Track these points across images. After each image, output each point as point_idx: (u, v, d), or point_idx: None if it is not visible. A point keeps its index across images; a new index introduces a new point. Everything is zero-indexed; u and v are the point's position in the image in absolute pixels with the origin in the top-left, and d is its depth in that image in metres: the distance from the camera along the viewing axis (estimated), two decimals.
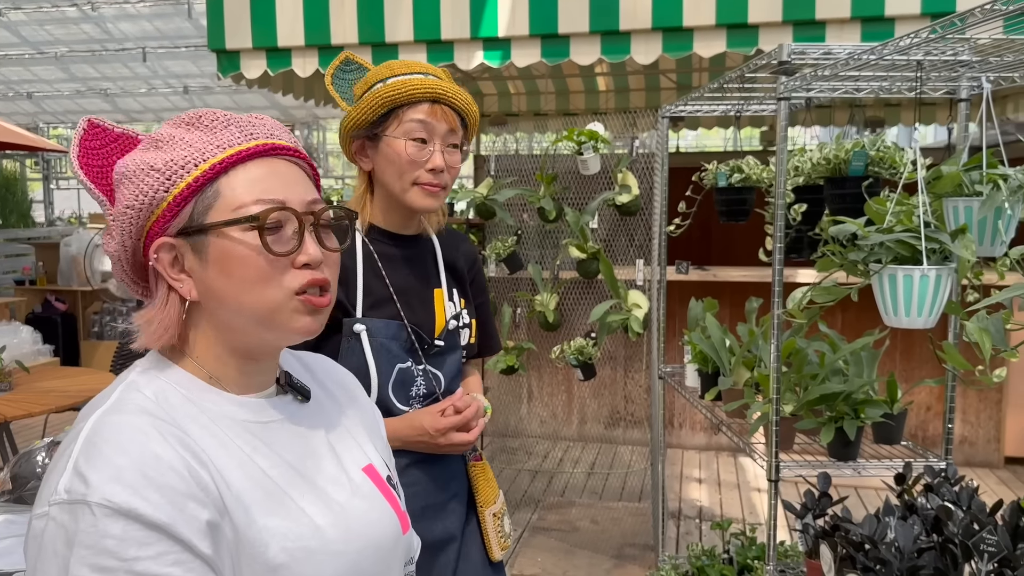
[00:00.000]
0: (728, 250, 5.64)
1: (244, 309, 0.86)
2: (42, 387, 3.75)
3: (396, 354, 1.53)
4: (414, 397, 1.57)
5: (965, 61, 1.78)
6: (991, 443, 4.87)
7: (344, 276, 1.50)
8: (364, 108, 1.50)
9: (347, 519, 0.90)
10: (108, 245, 0.89)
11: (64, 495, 0.75)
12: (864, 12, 3.45)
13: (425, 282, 1.62)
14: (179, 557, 0.75)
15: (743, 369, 2.40)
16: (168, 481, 0.76)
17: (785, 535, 3.65)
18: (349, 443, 0.99)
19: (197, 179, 0.85)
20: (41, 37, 10.19)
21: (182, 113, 0.90)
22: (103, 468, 0.75)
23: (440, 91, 1.49)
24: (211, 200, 0.85)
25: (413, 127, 1.48)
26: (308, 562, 0.84)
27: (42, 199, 14.51)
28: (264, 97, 11.32)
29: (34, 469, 1.88)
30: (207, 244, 0.85)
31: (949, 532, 1.45)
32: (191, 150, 0.86)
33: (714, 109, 3.02)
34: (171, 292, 0.87)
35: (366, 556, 0.90)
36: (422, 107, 1.48)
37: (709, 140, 13.51)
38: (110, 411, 0.81)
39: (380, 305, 1.54)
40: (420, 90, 1.48)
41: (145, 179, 0.85)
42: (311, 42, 4.08)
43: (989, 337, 1.34)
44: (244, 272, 0.85)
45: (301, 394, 0.96)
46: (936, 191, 1.73)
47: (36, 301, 7.39)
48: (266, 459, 0.87)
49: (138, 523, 0.74)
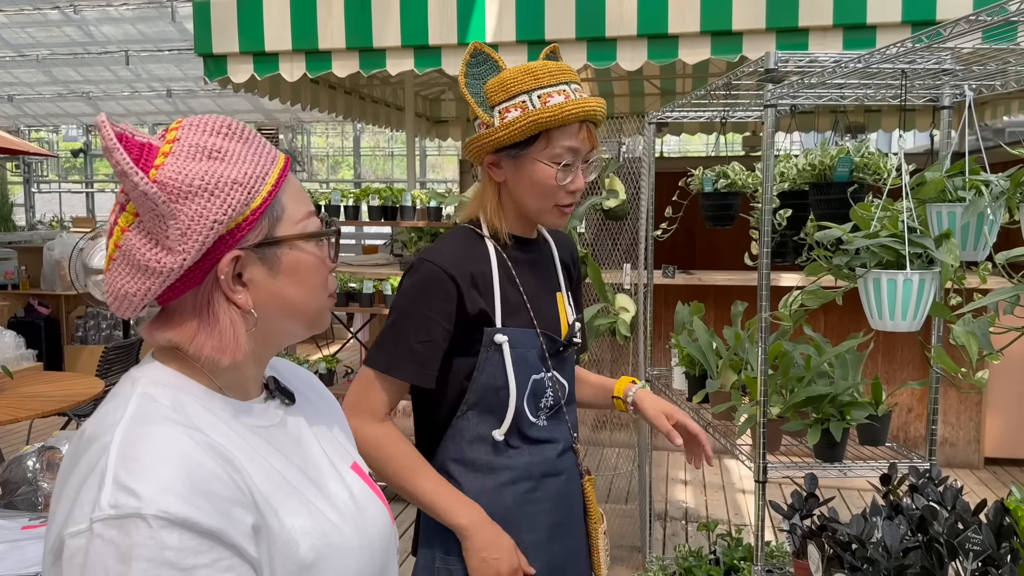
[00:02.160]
0: (712, 254, 5.69)
1: (306, 313, 0.92)
2: (27, 392, 3.73)
3: (532, 364, 1.49)
4: (542, 408, 1.52)
5: (948, 69, 1.82)
6: (971, 444, 4.93)
7: (483, 283, 1.47)
8: (512, 130, 1.41)
9: (352, 515, 0.93)
10: (163, 261, 0.82)
11: (111, 510, 0.73)
12: (846, 20, 3.51)
13: (549, 286, 1.58)
14: (231, 563, 0.77)
15: (730, 372, 2.43)
16: (214, 488, 0.77)
17: (770, 535, 3.68)
18: (334, 442, 1.01)
19: (270, 192, 0.86)
20: (22, 40, 10.11)
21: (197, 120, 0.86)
22: (151, 481, 0.74)
23: (590, 112, 1.42)
24: (279, 213, 0.88)
25: (561, 152, 1.42)
26: (335, 558, 0.87)
27: (23, 202, 14.38)
28: (248, 100, 11.29)
29: (24, 474, 1.88)
30: (280, 255, 0.88)
31: (934, 532, 1.48)
32: (252, 164, 0.86)
33: (700, 115, 3.06)
34: (229, 304, 0.86)
35: (375, 548, 0.94)
36: (572, 130, 1.42)
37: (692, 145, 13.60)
38: (136, 423, 0.80)
39: (515, 313, 1.49)
40: (574, 114, 1.40)
41: (231, 193, 0.83)
42: (298, 47, 4.08)
43: (976, 340, 1.37)
44: (315, 279, 0.91)
45: (287, 397, 0.98)
46: (920, 197, 1.77)
47: (19, 305, 7.32)
48: (279, 461, 0.89)
49: (193, 532, 0.74)
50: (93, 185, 15.42)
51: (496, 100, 1.44)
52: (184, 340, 0.86)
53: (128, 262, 0.83)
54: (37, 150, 9.78)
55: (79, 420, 4.77)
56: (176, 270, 0.82)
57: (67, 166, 16.73)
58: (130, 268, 0.83)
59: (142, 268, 0.82)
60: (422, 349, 1.44)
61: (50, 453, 1.91)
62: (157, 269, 0.81)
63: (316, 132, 15.54)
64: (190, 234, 0.81)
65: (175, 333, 0.86)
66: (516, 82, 1.42)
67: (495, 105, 1.45)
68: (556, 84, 1.42)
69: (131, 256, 0.83)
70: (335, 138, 16.76)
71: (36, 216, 14.38)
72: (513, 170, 1.46)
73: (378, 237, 10.90)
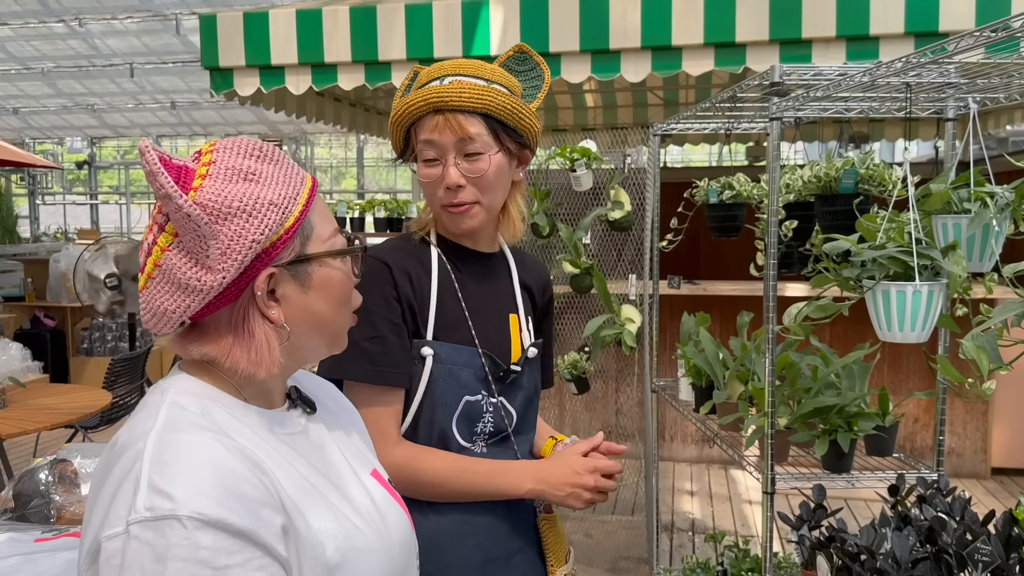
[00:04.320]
0: (717, 264, 5.70)
1: (330, 328, 0.96)
2: (36, 404, 3.74)
3: (465, 384, 1.39)
4: (479, 434, 1.41)
5: (953, 83, 1.83)
6: (978, 454, 4.93)
7: (420, 287, 1.39)
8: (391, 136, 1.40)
9: (374, 519, 0.95)
10: (203, 279, 0.84)
11: (147, 513, 0.76)
12: (849, 31, 3.52)
13: (501, 304, 1.47)
14: (262, 562, 0.79)
15: (737, 383, 2.44)
16: (245, 491, 0.80)
17: (778, 547, 3.68)
18: (353, 449, 1.04)
19: (302, 212, 0.90)
20: (28, 53, 10.17)
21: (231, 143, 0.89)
22: (184, 484, 0.77)
23: (436, 99, 1.31)
24: (309, 231, 0.92)
25: (422, 148, 1.35)
26: (360, 560, 0.89)
27: (27, 214, 14.43)
28: (252, 112, 11.34)
29: (37, 487, 1.88)
30: (311, 272, 0.92)
31: (943, 542, 1.48)
32: (284, 185, 0.90)
33: (705, 127, 3.07)
34: (263, 320, 0.89)
35: (396, 552, 0.97)
36: (426, 123, 1.33)
37: (695, 155, 13.61)
38: (167, 430, 0.83)
39: (453, 327, 1.40)
40: (417, 105, 1.32)
41: (268, 213, 0.86)
42: (304, 60, 4.11)
43: (986, 354, 1.38)
44: (342, 295, 0.95)
45: (308, 406, 1.01)
46: (925, 208, 1.78)
47: (25, 317, 7.35)
48: (304, 467, 0.92)
49: (226, 532, 0.77)
50: (97, 197, 15.48)
51: None
52: (220, 354, 0.89)
53: (168, 280, 0.86)
54: (42, 162, 9.81)
55: (86, 432, 4.78)
56: (216, 288, 0.85)
57: (71, 178, 16.79)
58: (170, 286, 0.86)
59: (182, 286, 0.85)
60: (369, 346, 1.34)
61: (62, 466, 1.92)
62: (197, 287, 0.84)
63: (320, 143, 15.59)
64: (230, 253, 0.84)
65: (212, 348, 0.89)
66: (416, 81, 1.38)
67: None
68: (428, 81, 1.34)
69: (171, 275, 0.85)
70: (338, 149, 16.80)
71: (41, 228, 14.43)
72: None
73: None
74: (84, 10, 8.84)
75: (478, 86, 1.32)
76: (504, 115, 1.34)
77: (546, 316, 1.61)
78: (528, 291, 1.54)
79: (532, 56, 1.45)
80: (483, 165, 1.34)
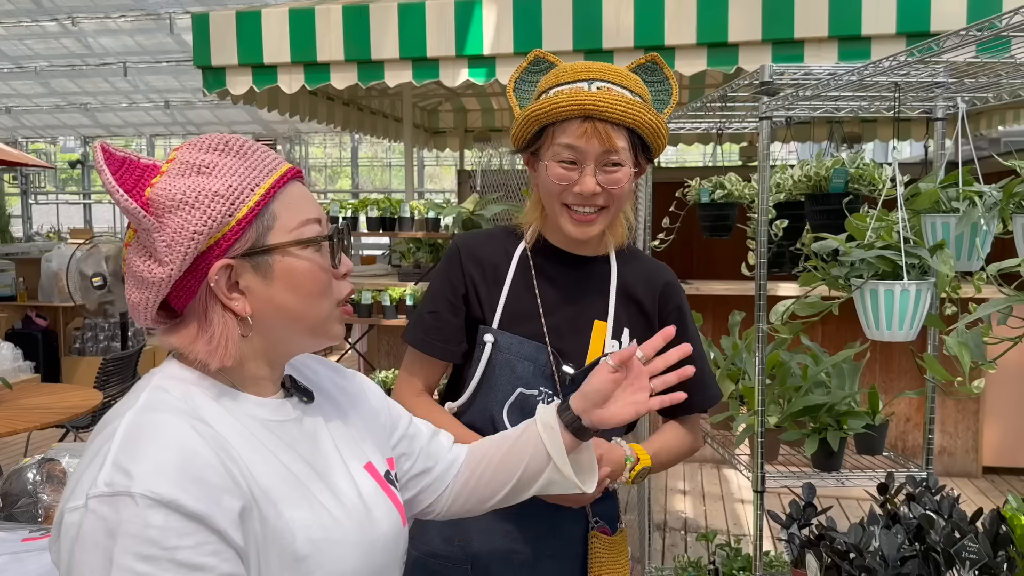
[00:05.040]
0: (710, 264, 5.71)
1: (303, 319, 0.93)
2: (26, 404, 3.72)
3: (521, 375, 1.39)
4: None
5: (941, 82, 1.84)
6: (969, 453, 4.94)
7: (493, 277, 1.44)
8: (519, 127, 1.38)
9: (358, 512, 0.95)
10: (155, 272, 0.87)
11: (105, 488, 0.78)
12: (841, 31, 3.54)
13: (585, 309, 1.44)
14: (216, 548, 0.79)
15: (728, 382, 2.44)
16: (205, 475, 0.81)
17: (769, 545, 3.69)
18: (350, 442, 1.04)
19: (258, 203, 0.89)
20: (20, 52, 10.15)
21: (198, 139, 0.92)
22: (145, 462, 0.79)
23: (591, 107, 1.29)
24: (270, 222, 0.90)
25: (560, 150, 1.33)
26: (331, 552, 0.89)
27: (20, 214, 14.39)
28: (246, 112, 11.32)
29: (25, 487, 1.88)
30: (272, 263, 0.90)
31: (931, 540, 1.48)
32: (241, 176, 0.89)
33: (696, 126, 3.08)
34: (225, 311, 0.90)
35: (377, 547, 0.96)
36: (571, 127, 1.31)
37: (689, 155, 13.63)
38: (143, 410, 0.85)
39: (522, 320, 1.41)
40: (567, 108, 1.30)
41: (211, 205, 0.87)
42: (297, 59, 4.10)
43: (968, 351, 1.39)
44: (311, 286, 0.92)
45: (305, 395, 1.01)
46: (914, 207, 1.78)
47: (16, 317, 7.32)
48: (286, 454, 0.92)
49: (179, 514, 0.77)
50: (90, 196, 15.44)
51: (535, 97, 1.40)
52: (183, 344, 0.90)
53: (132, 275, 0.90)
54: (34, 161, 9.79)
55: (77, 432, 4.76)
56: (167, 280, 0.87)
57: (64, 177, 16.75)
58: (133, 280, 0.90)
59: (140, 280, 0.89)
60: (429, 319, 1.45)
61: (50, 465, 1.92)
62: (151, 280, 0.87)
63: (314, 143, 15.58)
64: (174, 245, 0.86)
65: (177, 338, 0.91)
66: (547, 80, 1.38)
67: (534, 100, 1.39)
68: (573, 81, 1.33)
69: (132, 269, 0.89)
70: (333, 149, 16.80)
71: (33, 227, 14.38)
72: (534, 170, 1.42)
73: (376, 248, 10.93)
74: (77, 9, 8.82)
75: (627, 98, 1.32)
76: (647, 132, 1.34)
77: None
78: (631, 299, 1.47)
79: (663, 69, 1.44)
80: (621, 177, 1.34)
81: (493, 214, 4.20)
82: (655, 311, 1.49)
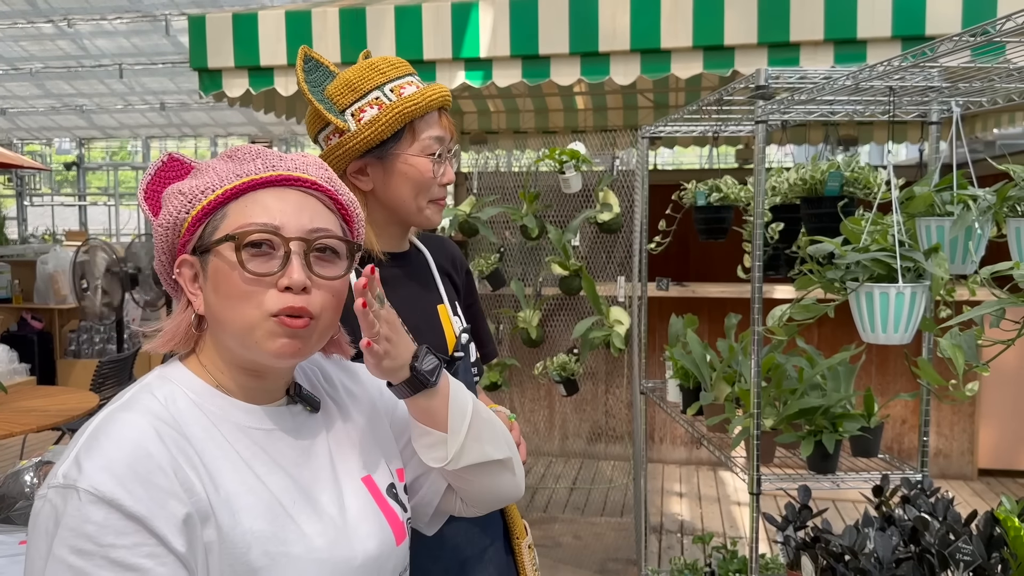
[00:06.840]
0: (706, 266, 5.72)
1: (225, 324, 0.90)
2: (21, 407, 3.72)
3: None
4: None
5: (936, 87, 1.85)
6: (965, 455, 4.95)
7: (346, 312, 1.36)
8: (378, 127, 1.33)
9: (335, 529, 0.93)
10: (156, 261, 0.97)
11: (61, 479, 0.81)
12: (837, 35, 3.54)
13: (427, 300, 1.48)
14: (153, 551, 0.79)
15: (724, 384, 2.45)
16: (154, 478, 0.81)
17: (765, 547, 3.69)
18: (350, 454, 1.01)
19: (211, 202, 0.92)
20: (16, 53, 10.12)
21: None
22: (97, 458, 0.81)
23: (446, 98, 1.37)
24: (219, 222, 0.92)
25: (430, 143, 1.36)
26: (289, 567, 0.87)
27: (15, 216, 14.35)
28: (242, 114, 11.30)
29: (22, 489, 1.88)
30: (209, 262, 0.91)
31: (926, 542, 1.49)
32: (214, 178, 0.93)
33: (692, 129, 3.09)
34: (188, 305, 0.95)
35: (354, 566, 0.93)
36: (433, 119, 1.36)
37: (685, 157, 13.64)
38: (119, 408, 0.88)
39: None
40: (435, 100, 1.35)
41: (173, 202, 0.93)
42: (293, 61, 4.09)
43: (962, 353, 1.39)
44: (227, 288, 0.89)
45: (309, 404, 1.00)
46: (909, 211, 1.79)
47: (12, 319, 7.31)
48: (263, 465, 0.91)
49: (118, 513, 0.79)
50: (86, 198, 15.40)
51: (346, 103, 1.36)
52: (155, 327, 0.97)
53: None
54: (30, 163, 9.75)
55: (72, 435, 4.75)
56: (161, 270, 0.98)
57: (60, 179, 16.71)
58: None
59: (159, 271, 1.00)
60: None
61: (47, 467, 1.92)
62: (158, 269, 0.98)
63: (310, 145, 15.57)
64: (155, 237, 0.96)
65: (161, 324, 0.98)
66: (363, 80, 1.35)
67: (345, 108, 1.36)
68: (403, 76, 1.37)
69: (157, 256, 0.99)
70: None
71: (29, 229, 14.34)
72: (383, 173, 1.37)
73: None
74: (73, 10, 8.80)
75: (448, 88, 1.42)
76: None
77: (470, 291, 1.62)
78: (447, 275, 1.55)
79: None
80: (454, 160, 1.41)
81: (489, 216, 4.20)
82: (459, 278, 1.59)
